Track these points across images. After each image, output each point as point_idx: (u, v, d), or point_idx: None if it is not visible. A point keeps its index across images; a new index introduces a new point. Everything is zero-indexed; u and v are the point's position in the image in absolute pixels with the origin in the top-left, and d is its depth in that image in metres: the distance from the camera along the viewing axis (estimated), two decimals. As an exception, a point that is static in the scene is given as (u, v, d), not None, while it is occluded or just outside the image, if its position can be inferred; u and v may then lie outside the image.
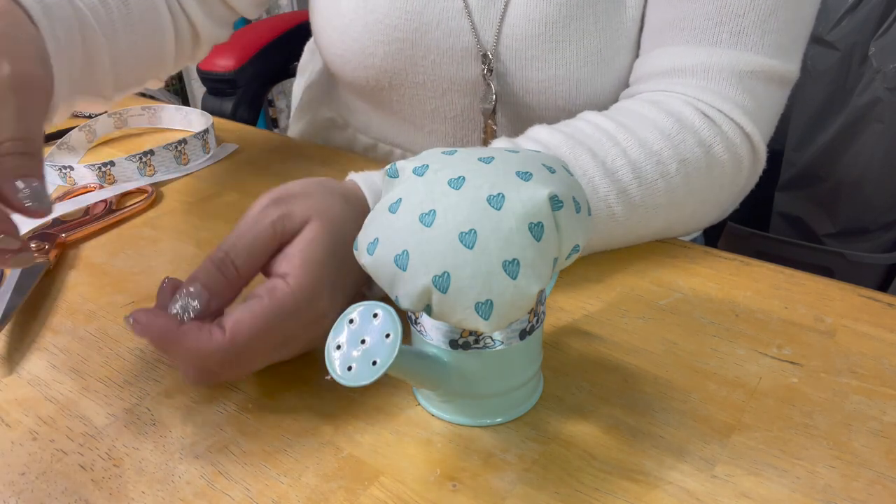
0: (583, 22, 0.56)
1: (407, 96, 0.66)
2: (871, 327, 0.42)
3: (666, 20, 0.54)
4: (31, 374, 0.41)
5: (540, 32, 0.57)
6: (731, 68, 0.50)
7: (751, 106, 0.50)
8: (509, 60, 0.59)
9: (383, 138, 0.73)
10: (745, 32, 0.50)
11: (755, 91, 0.50)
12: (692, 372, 0.39)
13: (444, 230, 0.30)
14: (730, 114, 0.49)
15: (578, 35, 0.56)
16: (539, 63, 0.58)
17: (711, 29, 0.51)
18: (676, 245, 0.51)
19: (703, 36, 0.51)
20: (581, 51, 0.57)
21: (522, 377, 0.35)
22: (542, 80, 0.58)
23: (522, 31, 0.57)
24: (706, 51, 0.51)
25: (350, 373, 0.28)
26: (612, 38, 0.56)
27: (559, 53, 0.57)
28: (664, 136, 0.47)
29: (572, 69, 0.57)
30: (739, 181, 0.52)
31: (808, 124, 1.31)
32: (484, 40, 0.59)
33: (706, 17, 0.51)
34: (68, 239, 0.55)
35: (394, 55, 0.62)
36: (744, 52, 0.50)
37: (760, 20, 0.50)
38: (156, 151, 0.64)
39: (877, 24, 1.18)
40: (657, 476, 0.32)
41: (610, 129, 0.48)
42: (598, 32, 0.56)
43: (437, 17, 0.60)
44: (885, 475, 0.32)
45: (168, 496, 0.32)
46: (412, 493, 0.32)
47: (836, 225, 1.34)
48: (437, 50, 0.61)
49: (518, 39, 0.58)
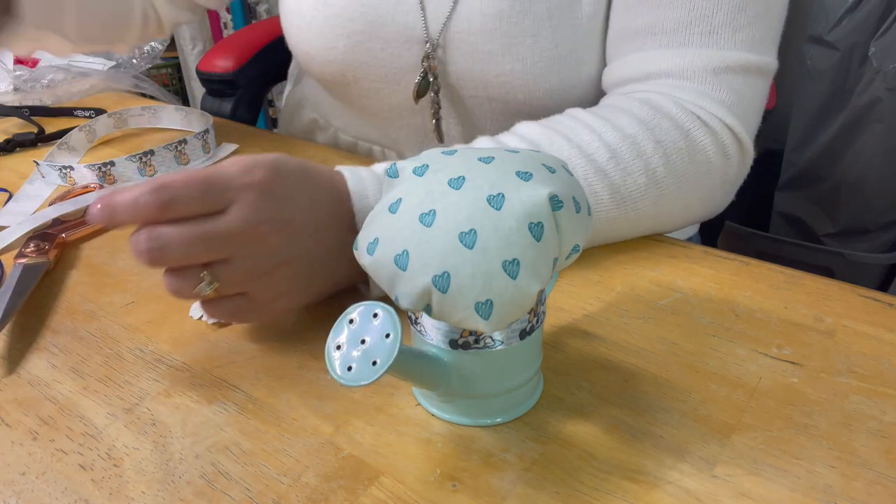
0: (536, 17, 0.57)
1: (373, 91, 0.67)
2: (871, 327, 0.42)
3: (635, 27, 0.54)
4: (31, 374, 0.41)
5: (494, 27, 0.57)
6: (706, 66, 0.51)
7: (729, 100, 0.51)
8: (466, 55, 0.60)
9: (361, 136, 0.75)
10: (715, 32, 0.51)
11: (733, 85, 0.51)
12: (692, 372, 0.39)
13: (444, 230, 0.30)
14: (709, 108, 0.50)
15: (533, 30, 0.57)
16: (497, 58, 0.59)
17: (682, 32, 0.52)
18: (676, 245, 0.51)
19: (674, 39, 0.52)
20: (536, 46, 0.57)
21: (522, 377, 0.35)
22: (501, 73, 0.59)
23: (478, 25, 0.58)
24: (679, 53, 0.52)
25: (350, 373, 0.28)
26: (568, 34, 0.57)
27: (515, 49, 0.58)
28: (639, 122, 0.48)
29: (528, 64, 0.58)
30: (729, 172, 0.52)
31: (808, 124, 1.31)
32: (434, 32, 0.60)
33: (676, 22, 0.52)
34: (68, 239, 0.55)
35: (353, 48, 0.64)
36: (716, 50, 0.51)
37: (730, 18, 0.50)
38: (156, 151, 0.64)
39: (877, 24, 1.18)
40: (657, 476, 0.32)
41: (586, 119, 0.49)
42: (552, 28, 0.57)
43: (393, 10, 0.61)
44: (885, 475, 0.32)
45: (168, 496, 0.32)
46: (412, 493, 0.32)
47: (836, 225, 1.34)
48: (394, 42, 0.62)
49: (473, 34, 0.59)
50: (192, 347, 0.42)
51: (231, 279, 0.38)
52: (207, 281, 0.37)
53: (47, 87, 0.97)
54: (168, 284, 0.38)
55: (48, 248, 0.52)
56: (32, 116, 0.84)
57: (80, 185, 0.64)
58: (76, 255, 0.54)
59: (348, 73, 0.67)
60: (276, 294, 0.40)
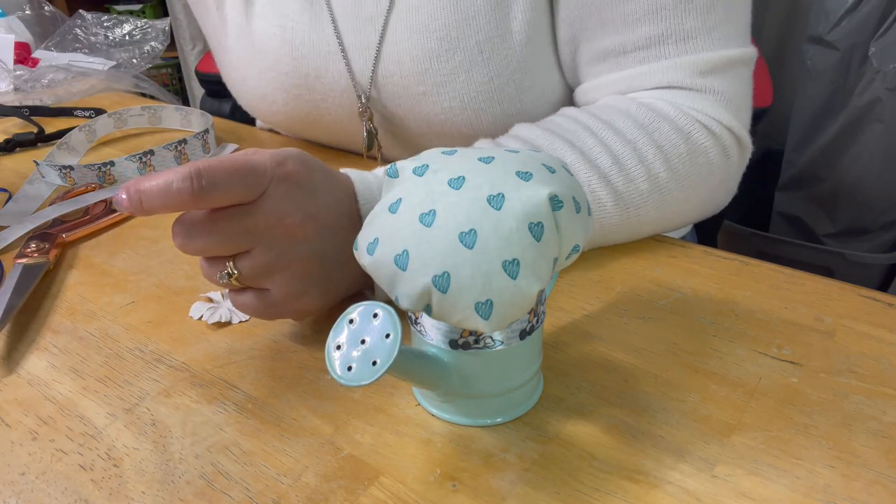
0: (467, 52, 0.55)
1: (325, 139, 0.67)
2: (871, 327, 0.42)
3: (604, 49, 0.53)
4: (31, 374, 0.41)
5: (426, 68, 0.56)
6: (691, 72, 0.50)
7: (722, 98, 0.51)
8: (399, 98, 0.59)
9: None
10: (690, 38, 0.50)
11: (721, 83, 0.51)
12: (692, 372, 0.39)
13: (444, 230, 0.30)
14: (704, 110, 0.50)
15: (465, 66, 0.55)
16: (433, 97, 0.57)
17: (656, 46, 0.51)
18: (676, 245, 0.51)
19: (649, 54, 0.51)
20: (471, 81, 0.56)
21: (522, 377, 0.35)
22: (440, 112, 0.58)
23: (408, 68, 0.57)
24: (659, 66, 0.51)
25: (350, 373, 0.28)
26: (502, 65, 0.55)
27: (450, 86, 0.56)
28: (639, 126, 0.48)
29: (466, 100, 0.56)
30: (730, 170, 0.52)
31: (808, 124, 1.31)
32: (363, 83, 0.59)
33: (647, 38, 0.51)
34: (68, 239, 0.55)
35: (294, 101, 0.63)
36: (696, 54, 0.50)
37: (701, 21, 0.50)
38: (156, 151, 0.65)
39: (877, 24, 1.18)
40: (657, 476, 0.32)
41: (587, 122, 0.49)
42: (484, 61, 0.55)
43: (324, 62, 0.60)
44: (885, 475, 0.32)
45: (168, 496, 0.32)
46: (412, 493, 0.32)
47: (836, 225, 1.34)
48: (331, 94, 0.61)
49: (405, 76, 0.57)
50: (192, 347, 0.42)
51: (252, 270, 0.38)
52: (229, 269, 0.38)
53: (47, 87, 0.97)
54: (202, 268, 0.39)
55: (48, 248, 0.52)
56: (32, 116, 0.84)
57: (80, 184, 0.64)
58: (76, 255, 0.54)
59: (295, 124, 0.66)
60: (294, 292, 0.39)
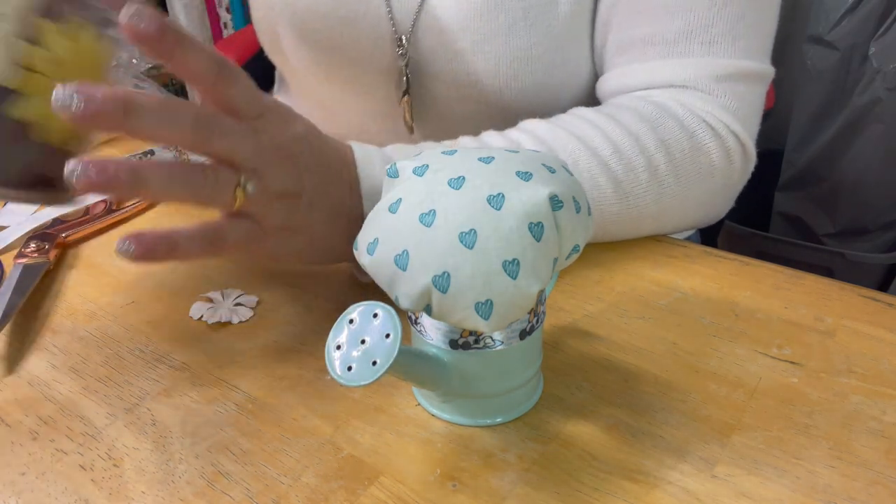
0: (511, 13, 0.55)
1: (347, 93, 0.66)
2: (871, 327, 0.42)
3: (633, 37, 0.54)
4: (31, 374, 0.41)
5: (467, 25, 0.56)
6: (709, 74, 0.51)
7: (733, 105, 0.51)
8: (434, 54, 0.58)
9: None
10: (715, 42, 0.51)
11: (735, 91, 0.51)
12: (692, 372, 0.39)
13: (444, 230, 0.30)
14: (714, 113, 0.50)
15: (507, 28, 0.55)
16: (469, 56, 0.57)
17: (682, 42, 0.52)
18: (676, 245, 0.51)
19: (674, 49, 0.52)
20: (509, 45, 0.56)
21: (522, 377, 0.35)
22: (471, 73, 0.58)
23: (449, 22, 0.56)
24: (680, 62, 0.52)
25: (350, 373, 0.28)
26: (543, 34, 0.56)
27: (487, 46, 0.56)
28: (643, 120, 0.48)
29: (502, 65, 0.56)
30: (732, 176, 0.52)
31: (808, 124, 1.31)
32: (403, 28, 0.59)
33: (676, 32, 0.52)
34: (68, 239, 0.55)
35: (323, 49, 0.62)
36: (717, 58, 0.51)
37: (729, 27, 0.50)
38: (156, 151, 0.64)
39: (877, 24, 1.18)
40: (657, 476, 0.32)
41: (590, 116, 0.49)
42: (527, 27, 0.55)
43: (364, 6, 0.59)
44: (885, 475, 0.32)
45: (168, 496, 0.32)
46: (412, 493, 0.32)
47: (836, 225, 1.34)
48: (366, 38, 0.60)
49: (444, 32, 0.57)
50: (192, 347, 0.42)
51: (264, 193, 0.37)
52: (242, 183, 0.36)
53: (47, 87, 0.97)
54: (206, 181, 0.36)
55: (48, 248, 0.52)
56: (32, 116, 0.84)
57: (80, 185, 0.64)
58: (76, 255, 0.54)
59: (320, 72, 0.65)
60: (283, 224, 0.39)
